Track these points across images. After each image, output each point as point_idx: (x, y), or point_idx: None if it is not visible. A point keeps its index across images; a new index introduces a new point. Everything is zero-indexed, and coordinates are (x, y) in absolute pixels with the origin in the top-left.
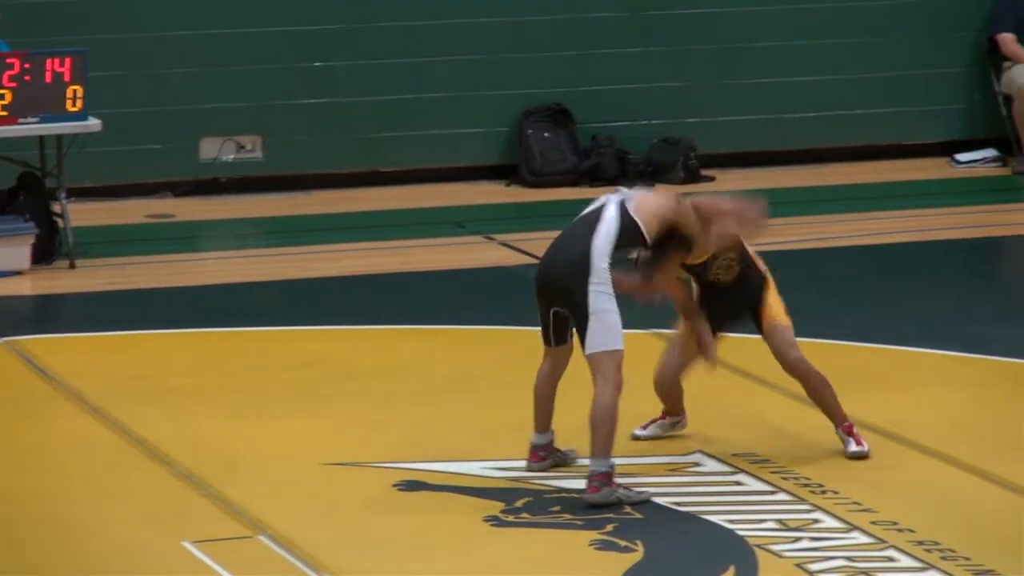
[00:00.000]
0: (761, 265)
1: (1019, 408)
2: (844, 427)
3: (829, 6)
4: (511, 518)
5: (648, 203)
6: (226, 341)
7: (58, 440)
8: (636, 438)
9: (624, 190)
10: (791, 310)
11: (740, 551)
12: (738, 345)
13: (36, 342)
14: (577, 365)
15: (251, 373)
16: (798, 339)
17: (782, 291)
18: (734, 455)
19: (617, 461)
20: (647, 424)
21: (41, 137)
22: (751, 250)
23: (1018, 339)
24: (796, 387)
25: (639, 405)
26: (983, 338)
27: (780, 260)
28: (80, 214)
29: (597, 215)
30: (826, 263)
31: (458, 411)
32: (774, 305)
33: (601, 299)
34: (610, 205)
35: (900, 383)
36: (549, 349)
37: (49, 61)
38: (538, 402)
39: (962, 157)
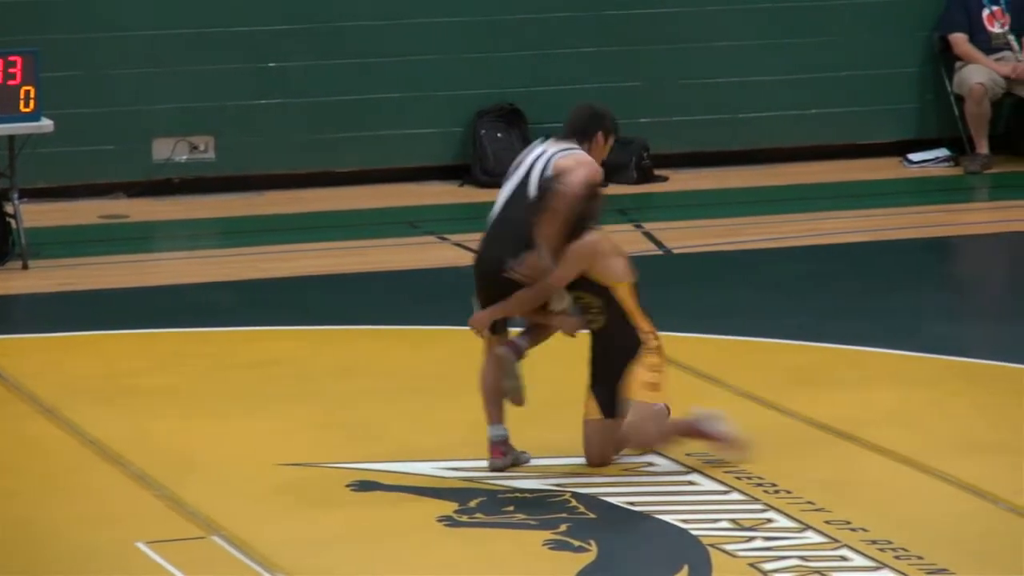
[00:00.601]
0: (645, 327)
1: (972, 407)
2: None
3: (782, 6)
4: (465, 518)
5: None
6: (180, 341)
7: (11, 441)
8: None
9: (549, 147)
10: (744, 309)
11: (694, 551)
12: (690, 345)
13: None
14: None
15: (205, 374)
16: (748, 338)
17: (734, 290)
18: (688, 455)
19: (571, 461)
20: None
21: None
22: (630, 305)
23: (970, 338)
24: (749, 386)
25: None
26: (936, 337)
27: (733, 260)
28: (33, 215)
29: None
30: (779, 263)
31: (412, 411)
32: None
33: None
34: (535, 170)
35: (853, 382)
36: (492, 338)
37: (0, 61)
38: (487, 395)
39: (915, 157)
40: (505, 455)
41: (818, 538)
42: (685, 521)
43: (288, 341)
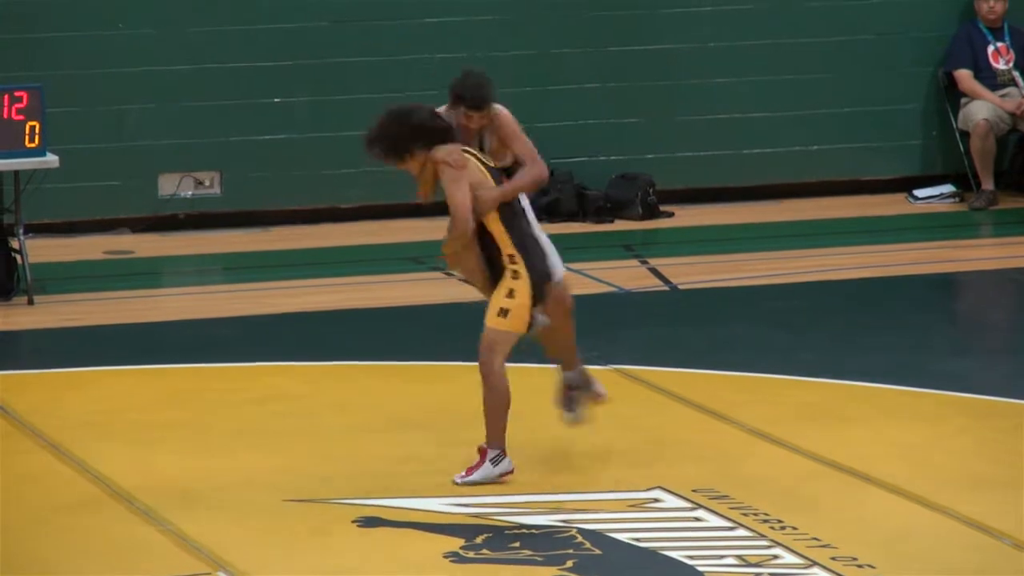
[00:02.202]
0: (507, 250)
1: (976, 443)
2: (482, 450)
3: (786, 43)
4: (471, 554)
5: None
6: (185, 377)
7: (15, 476)
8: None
9: None
10: (750, 345)
11: None
12: (696, 381)
13: None
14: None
15: (210, 409)
16: (754, 374)
17: (740, 326)
18: (694, 491)
19: (577, 497)
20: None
21: None
22: (497, 229)
23: (975, 374)
24: (756, 422)
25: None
26: (941, 373)
27: (739, 295)
28: (38, 250)
29: None
30: (785, 299)
31: (418, 447)
32: (494, 301)
33: None
34: None
35: (858, 418)
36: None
37: (6, 96)
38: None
39: (920, 193)
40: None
41: (824, 574)
42: (691, 557)
43: (293, 377)
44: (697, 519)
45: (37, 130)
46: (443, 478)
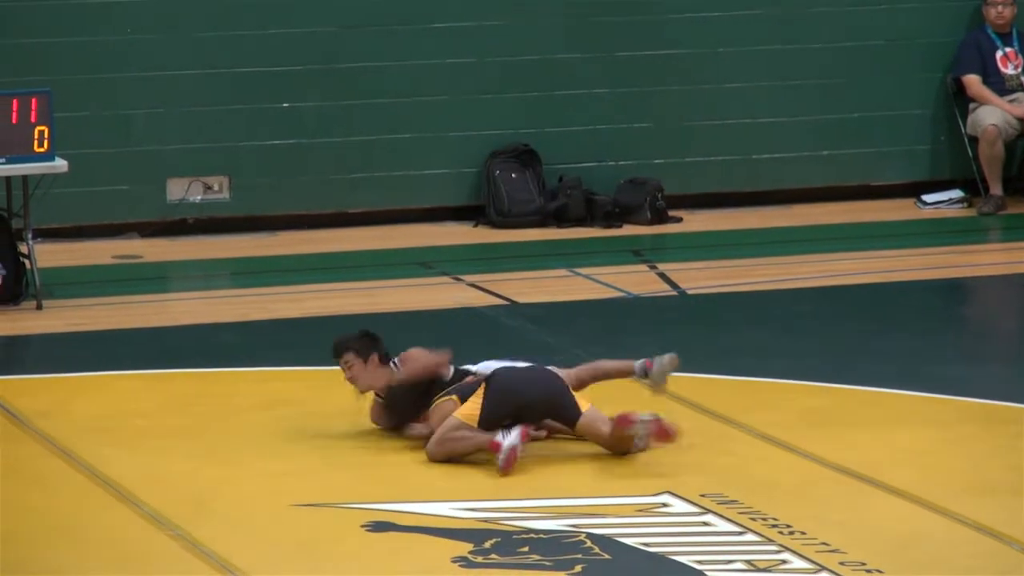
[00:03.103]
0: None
1: (985, 448)
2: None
3: (795, 48)
4: (480, 559)
5: None
6: (193, 382)
7: (24, 481)
8: None
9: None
10: (758, 350)
11: None
12: (705, 386)
13: (3, 383)
14: None
15: (218, 414)
16: (763, 379)
17: (748, 331)
18: (702, 495)
19: (586, 502)
20: None
21: (8, 178)
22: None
23: (984, 379)
24: (764, 427)
25: None
26: (949, 378)
27: (747, 301)
28: (47, 255)
29: None
30: (792, 304)
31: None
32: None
33: None
34: None
35: (867, 423)
36: None
37: (15, 101)
38: None
39: (928, 198)
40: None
41: None
42: (700, 562)
43: (301, 382)
44: (706, 524)
45: (46, 135)
46: (452, 482)
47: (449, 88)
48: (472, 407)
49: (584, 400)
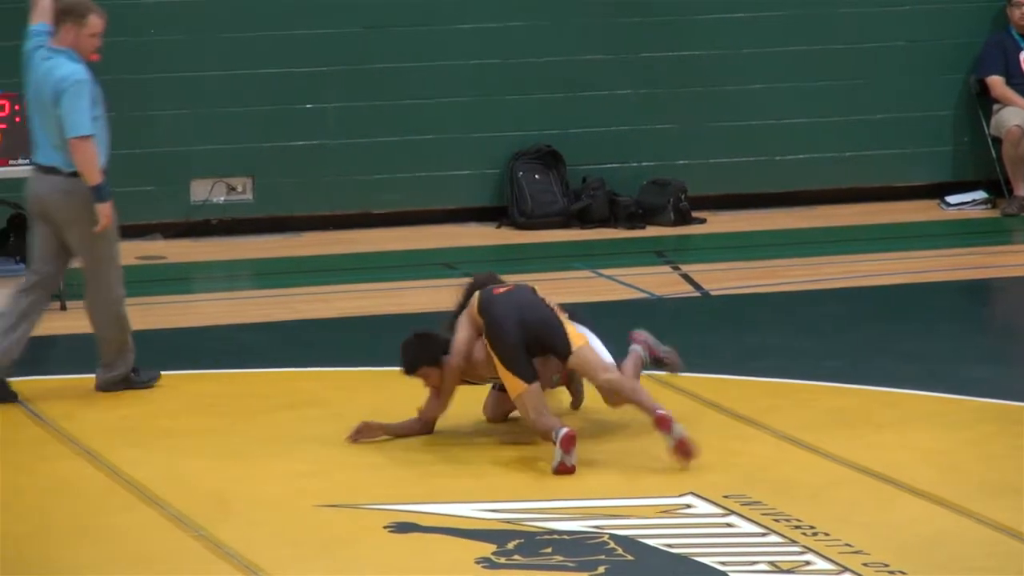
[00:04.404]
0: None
1: (1008, 449)
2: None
3: (819, 48)
4: (503, 560)
5: None
6: (217, 383)
7: (49, 482)
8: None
9: None
10: (782, 351)
11: None
12: (729, 387)
13: (27, 384)
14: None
15: (242, 415)
16: (787, 380)
17: (772, 332)
18: (726, 496)
19: (609, 503)
20: None
21: None
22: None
23: (1007, 380)
24: (788, 428)
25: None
26: (973, 379)
27: (771, 302)
28: None
29: None
30: (816, 305)
31: (450, 452)
32: None
33: None
34: None
35: (890, 424)
36: None
37: None
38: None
39: (952, 199)
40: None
41: None
42: (723, 563)
43: (325, 382)
44: (729, 525)
45: None
46: (475, 483)
47: (473, 89)
48: (508, 380)
49: (579, 336)
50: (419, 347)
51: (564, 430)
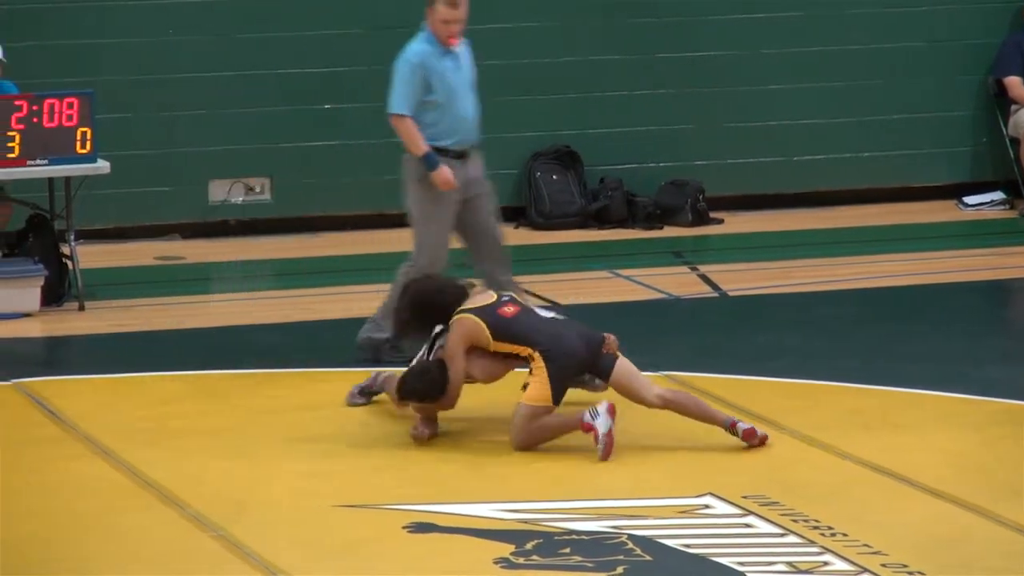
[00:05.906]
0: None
1: None
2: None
3: (836, 49)
4: (521, 560)
5: None
6: (235, 383)
7: (68, 482)
8: None
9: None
10: (800, 351)
11: None
12: (746, 387)
13: (46, 384)
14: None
15: (260, 415)
16: (804, 380)
17: (790, 333)
18: (744, 497)
19: (627, 503)
20: None
21: (50, 179)
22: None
23: None
24: (805, 428)
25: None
26: (990, 380)
27: (788, 302)
28: (89, 256)
29: None
30: (834, 305)
31: (468, 453)
32: None
33: None
34: None
35: (907, 425)
36: None
37: (57, 103)
38: None
39: (970, 200)
40: None
41: None
42: (742, 564)
43: (343, 383)
44: (747, 525)
45: (88, 136)
46: (493, 483)
47: (490, 90)
48: (540, 388)
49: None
50: (437, 380)
51: (605, 403)
